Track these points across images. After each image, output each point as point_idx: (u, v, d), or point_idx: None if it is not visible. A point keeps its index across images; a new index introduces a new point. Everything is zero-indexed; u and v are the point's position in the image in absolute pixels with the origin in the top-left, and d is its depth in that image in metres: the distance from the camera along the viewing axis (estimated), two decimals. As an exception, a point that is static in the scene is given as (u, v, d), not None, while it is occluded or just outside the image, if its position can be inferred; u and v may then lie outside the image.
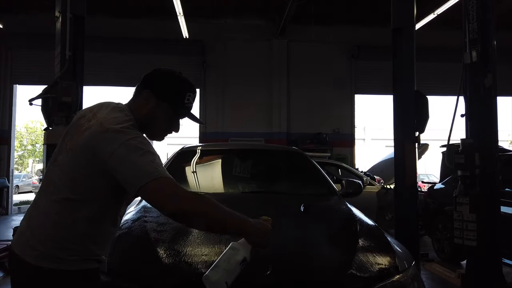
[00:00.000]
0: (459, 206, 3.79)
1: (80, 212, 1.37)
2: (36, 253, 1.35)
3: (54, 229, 1.37)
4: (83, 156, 1.36)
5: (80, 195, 1.37)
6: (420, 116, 4.26)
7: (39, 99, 3.87)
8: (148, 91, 1.49)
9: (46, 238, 1.36)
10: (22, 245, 1.39)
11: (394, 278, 1.80)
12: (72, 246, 1.37)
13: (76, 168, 1.37)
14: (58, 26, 3.96)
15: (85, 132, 1.38)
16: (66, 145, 1.43)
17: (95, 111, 1.47)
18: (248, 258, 1.34)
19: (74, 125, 1.48)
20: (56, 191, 1.39)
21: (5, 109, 11.13)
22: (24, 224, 1.45)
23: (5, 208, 10.90)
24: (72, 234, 1.37)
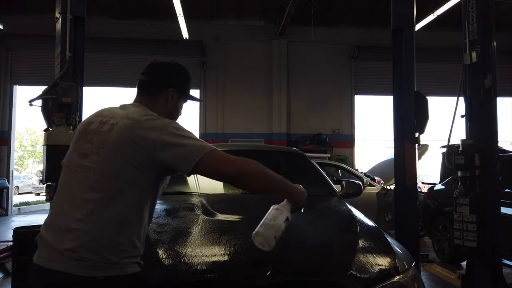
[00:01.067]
0: (459, 207, 3.78)
1: (126, 210, 1.37)
2: (88, 264, 1.30)
3: (106, 234, 1.34)
4: (120, 151, 1.37)
5: (124, 193, 1.36)
6: (420, 117, 4.26)
7: (39, 100, 3.86)
8: (173, 89, 1.58)
9: (98, 245, 1.32)
10: (64, 259, 1.31)
11: (394, 279, 1.79)
12: (124, 247, 1.36)
13: (116, 164, 1.37)
14: (58, 27, 3.95)
15: (113, 128, 1.40)
16: (91, 148, 1.41)
17: (106, 114, 1.50)
18: (290, 217, 1.48)
19: (85, 131, 1.48)
20: (96, 194, 1.35)
21: (5, 110, 11.14)
22: (58, 238, 1.35)
23: (5, 209, 10.90)
24: (123, 233, 1.37)
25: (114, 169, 1.37)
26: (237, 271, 1.72)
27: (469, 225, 3.70)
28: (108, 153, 1.38)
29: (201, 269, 1.71)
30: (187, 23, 9.94)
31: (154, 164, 1.38)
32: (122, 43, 10.96)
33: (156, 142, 1.35)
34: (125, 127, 1.39)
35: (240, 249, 1.83)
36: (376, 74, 11.53)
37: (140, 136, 1.36)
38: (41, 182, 4.05)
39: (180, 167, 1.38)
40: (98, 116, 1.52)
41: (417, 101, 4.28)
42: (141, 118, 1.41)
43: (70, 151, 1.51)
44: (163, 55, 11.36)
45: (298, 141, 11.05)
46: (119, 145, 1.38)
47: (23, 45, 10.95)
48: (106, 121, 1.45)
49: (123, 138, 1.38)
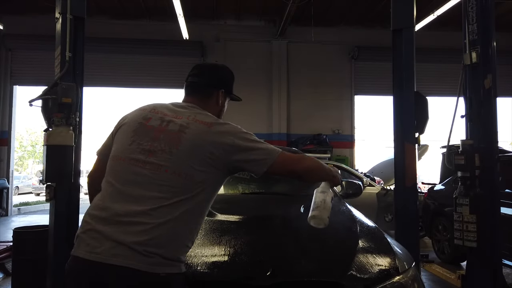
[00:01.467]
0: (459, 207, 3.78)
1: (192, 209, 1.40)
2: (154, 260, 1.30)
3: (174, 231, 1.35)
4: (195, 153, 1.41)
5: (194, 192, 1.40)
6: (420, 117, 4.26)
7: (39, 100, 3.86)
8: (223, 90, 1.69)
9: (166, 240, 1.33)
10: (129, 254, 1.29)
11: (394, 279, 1.79)
12: (185, 246, 1.40)
13: (189, 165, 1.40)
14: (58, 27, 3.94)
15: (185, 130, 1.44)
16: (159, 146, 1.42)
17: (165, 112, 1.52)
18: (333, 195, 1.65)
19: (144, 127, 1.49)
20: (167, 192, 1.37)
21: (5, 110, 11.14)
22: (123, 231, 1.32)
23: (5, 209, 10.90)
24: (186, 232, 1.40)
25: (186, 170, 1.40)
26: (237, 272, 1.72)
27: (469, 225, 3.70)
28: (182, 153, 1.41)
29: (201, 269, 1.71)
30: (187, 23, 9.94)
31: (226, 167, 1.46)
32: (122, 44, 10.97)
33: (231, 146, 1.43)
34: (201, 130, 1.45)
35: (240, 249, 1.83)
36: (376, 74, 11.53)
37: (216, 140, 1.43)
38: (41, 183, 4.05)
39: (254, 169, 1.48)
40: (154, 111, 1.54)
41: (417, 101, 4.27)
42: (213, 122, 1.49)
43: (124, 145, 1.49)
44: (163, 56, 11.49)
45: (298, 141, 11.06)
46: (195, 147, 1.42)
47: (23, 45, 10.96)
48: (170, 120, 1.49)
49: (199, 141, 1.43)
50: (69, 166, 3.64)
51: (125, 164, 1.45)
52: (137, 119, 1.54)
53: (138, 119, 1.53)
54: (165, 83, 11.65)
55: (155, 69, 11.40)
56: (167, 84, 11.74)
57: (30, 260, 4.05)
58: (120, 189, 1.42)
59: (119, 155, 1.49)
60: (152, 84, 11.74)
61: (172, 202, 1.36)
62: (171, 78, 11.53)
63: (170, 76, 11.50)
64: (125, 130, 1.54)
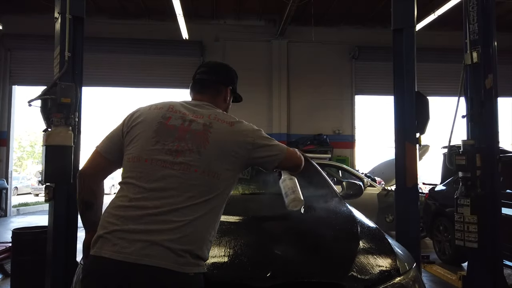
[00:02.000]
0: (460, 207, 3.77)
1: (217, 208, 1.45)
2: (184, 260, 1.31)
3: (202, 230, 1.38)
4: (222, 153, 1.46)
5: (220, 191, 1.45)
6: (421, 117, 4.24)
7: (38, 100, 3.84)
8: (230, 88, 1.76)
9: (197, 239, 1.36)
10: (161, 253, 1.29)
11: (395, 280, 1.79)
12: (209, 245, 1.43)
13: (217, 164, 1.44)
14: (57, 27, 3.93)
15: (210, 130, 1.47)
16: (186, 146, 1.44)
17: (184, 111, 1.54)
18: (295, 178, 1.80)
19: (165, 126, 1.49)
20: (197, 191, 1.39)
21: (4, 110, 11.13)
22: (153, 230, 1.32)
23: (4, 209, 10.89)
24: (211, 231, 1.43)
25: (215, 169, 1.44)
26: (237, 273, 1.71)
27: (470, 226, 3.69)
28: (211, 153, 1.44)
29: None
30: (187, 23, 9.93)
31: (246, 164, 1.54)
32: (121, 43, 10.97)
33: (253, 144, 1.51)
34: (225, 129, 1.50)
35: (240, 250, 1.82)
36: (376, 74, 11.53)
37: (240, 139, 1.50)
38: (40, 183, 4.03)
39: (268, 165, 1.59)
40: (172, 111, 1.54)
41: (418, 101, 4.26)
42: (233, 121, 1.54)
43: (146, 146, 1.46)
44: (162, 55, 11.48)
45: (298, 141, 11.04)
46: (222, 147, 1.46)
47: (22, 45, 10.94)
48: (192, 120, 1.50)
49: (225, 140, 1.48)
50: (68, 167, 3.62)
51: (151, 165, 1.43)
52: (156, 118, 1.51)
53: (157, 118, 1.51)
54: (164, 83, 11.65)
55: (154, 69, 11.39)
56: (167, 84, 11.73)
57: (29, 261, 4.04)
58: (148, 189, 1.39)
59: (142, 156, 1.45)
60: (152, 84, 11.73)
61: (202, 201, 1.39)
62: (171, 78, 11.53)
63: (169, 76, 11.50)
64: (144, 129, 1.50)
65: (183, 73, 11.61)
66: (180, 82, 11.64)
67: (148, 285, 1.28)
